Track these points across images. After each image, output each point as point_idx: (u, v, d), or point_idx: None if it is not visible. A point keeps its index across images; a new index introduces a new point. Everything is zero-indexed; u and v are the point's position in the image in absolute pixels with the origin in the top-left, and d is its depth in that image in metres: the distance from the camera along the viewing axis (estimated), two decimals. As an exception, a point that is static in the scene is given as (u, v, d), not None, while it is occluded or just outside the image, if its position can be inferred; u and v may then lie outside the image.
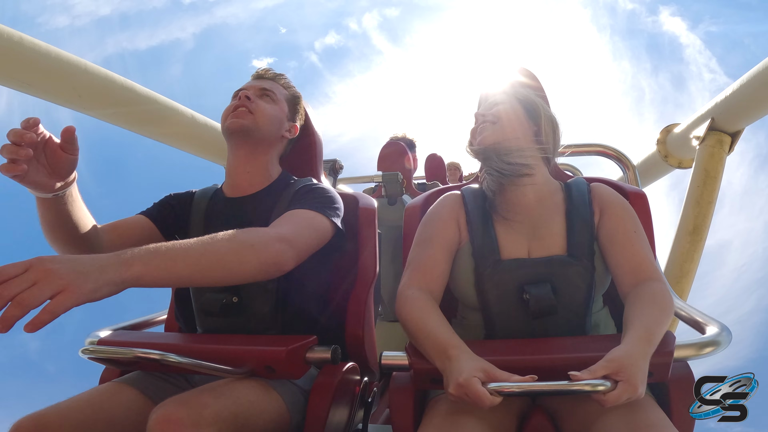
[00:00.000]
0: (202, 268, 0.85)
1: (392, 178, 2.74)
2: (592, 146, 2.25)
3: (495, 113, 1.20)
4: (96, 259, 0.74)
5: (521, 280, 1.06)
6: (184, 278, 0.84)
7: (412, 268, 1.11)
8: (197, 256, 0.85)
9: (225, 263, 0.88)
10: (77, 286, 0.69)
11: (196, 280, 0.87)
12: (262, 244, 0.94)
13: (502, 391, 0.79)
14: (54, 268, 0.68)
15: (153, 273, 0.79)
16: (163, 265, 0.80)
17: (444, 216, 1.17)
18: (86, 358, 1.03)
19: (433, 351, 0.92)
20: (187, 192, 1.38)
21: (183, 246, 0.84)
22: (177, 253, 0.83)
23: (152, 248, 0.81)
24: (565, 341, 1.00)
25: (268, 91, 1.32)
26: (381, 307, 2.69)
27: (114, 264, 0.75)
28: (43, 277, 0.67)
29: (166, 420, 0.81)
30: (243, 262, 0.90)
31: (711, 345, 0.98)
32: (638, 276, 1.02)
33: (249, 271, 0.92)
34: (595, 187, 1.18)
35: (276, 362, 0.99)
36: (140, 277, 0.77)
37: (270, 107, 1.30)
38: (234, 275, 0.90)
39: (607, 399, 0.77)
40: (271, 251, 0.94)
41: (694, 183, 3.08)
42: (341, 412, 1.11)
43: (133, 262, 0.77)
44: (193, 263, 0.84)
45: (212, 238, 0.89)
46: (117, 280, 0.75)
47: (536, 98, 1.24)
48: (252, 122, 1.25)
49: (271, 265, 0.95)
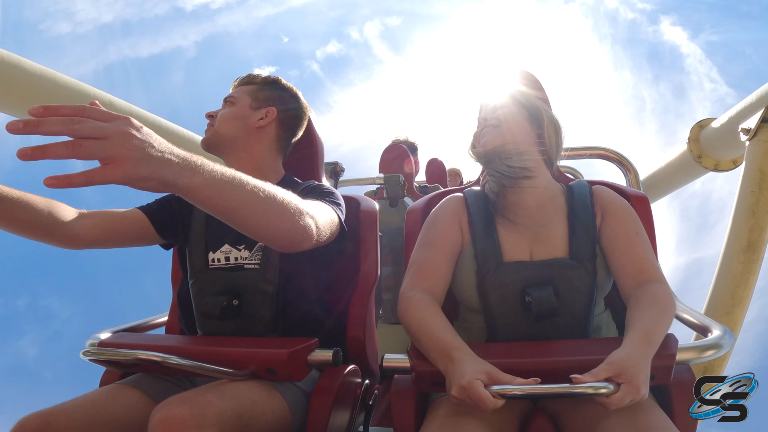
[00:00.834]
0: (249, 205, 0.82)
1: (394, 180, 2.75)
2: (593, 149, 2.24)
3: (497, 117, 1.20)
4: (168, 150, 0.70)
5: (523, 283, 1.06)
6: (231, 208, 0.81)
7: (414, 271, 1.11)
8: (250, 192, 0.82)
9: (268, 211, 0.85)
10: (133, 164, 0.65)
11: (237, 216, 0.83)
12: (300, 211, 0.92)
13: (504, 394, 0.79)
14: (129, 134, 0.65)
15: (208, 191, 0.76)
16: (222, 187, 0.77)
17: (446, 218, 1.17)
18: (87, 359, 1.03)
19: (435, 353, 0.92)
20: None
21: (243, 179, 0.82)
22: (236, 182, 0.80)
23: (217, 167, 0.78)
24: (567, 344, 1.00)
25: (228, 99, 1.34)
26: (382, 309, 2.70)
27: (180, 165, 0.71)
28: (115, 135, 0.63)
29: (169, 420, 0.81)
30: (281, 218, 0.88)
31: (713, 348, 0.97)
32: (640, 278, 1.02)
33: (280, 228, 0.89)
34: (596, 189, 1.18)
35: (277, 365, 0.99)
36: (196, 188, 0.74)
37: (227, 111, 1.31)
38: (268, 226, 0.87)
39: (611, 401, 0.77)
40: (303, 222, 0.92)
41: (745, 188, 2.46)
42: (342, 415, 1.11)
43: (198, 172, 0.73)
44: (244, 198, 0.81)
45: (264, 184, 0.86)
46: (172, 181, 0.71)
47: (538, 101, 1.24)
48: (213, 133, 1.29)
49: (298, 234, 0.92)
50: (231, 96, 1.34)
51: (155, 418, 0.82)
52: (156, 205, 1.30)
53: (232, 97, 1.33)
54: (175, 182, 0.71)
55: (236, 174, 0.81)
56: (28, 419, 0.90)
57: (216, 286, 1.18)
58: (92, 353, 1.02)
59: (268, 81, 1.37)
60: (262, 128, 1.30)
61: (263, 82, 1.36)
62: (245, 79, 1.38)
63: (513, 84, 1.31)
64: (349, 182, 3.01)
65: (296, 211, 0.91)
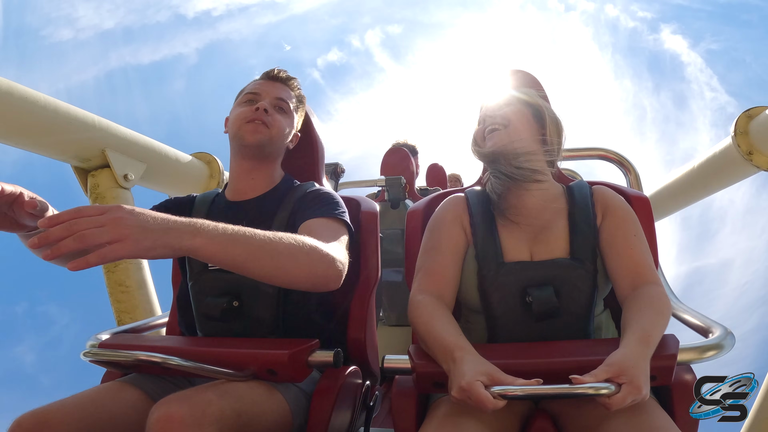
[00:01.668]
0: (257, 258, 0.87)
1: (395, 182, 2.75)
2: (594, 150, 2.22)
3: (504, 116, 1.18)
4: (165, 221, 0.78)
5: (524, 283, 1.06)
6: (238, 263, 0.86)
7: (423, 275, 1.11)
8: (257, 246, 0.87)
9: (279, 261, 0.89)
10: (135, 240, 0.74)
11: (248, 268, 0.88)
12: (319, 255, 0.95)
13: (505, 395, 0.79)
14: (123, 218, 0.74)
15: (212, 249, 0.82)
16: (225, 244, 0.83)
17: (449, 220, 1.17)
18: (88, 360, 1.03)
19: (439, 353, 0.92)
20: (188, 196, 1.38)
21: (246, 233, 0.87)
22: (239, 237, 0.85)
23: (220, 226, 0.85)
24: (568, 345, 1.00)
25: (283, 102, 1.30)
26: (382, 311, 2.69)
27: (180, 230, 0.79)
28: (109, 222, 0.73)
29: (168, 418, 0.80)
30: (296, 266, 0.92)
31: (714, 348, 0.97)
32: (636, 280, 1.02)
33: (298, 276, 0.93)
34: (597, 190, 1.18)
35: (278, 365, 0.98)
36: (199, 248, 0.81)
37: (284, 121, 1.29)
38: (283, 275, 0.92)
39: (612, 402, 0.77)
40: (324, 264, 0.96)
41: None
42: (343, 415, 1.11)
43: (198, 233, 0.80)
44: (250, 251, 0.86)
45: (275, 235, 0.91)
46: (176, 245, 0.78)
47: (540, 100, 1.23)
48: (268, 138, 1.25)
49: (320, 277, 0.96)
50: (284, 101, 1.30)
51: (153, 416, 0.82)
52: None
53: (286, 103, 1.30)
54: (180, 246, 0.79)
55: (241, 230, 0.87)
56: (25, 417, 0.90)
57: (216, 287, 1.18)
58: (93, 354, 1.02)
59: (303, 99, 1.39)
60: (288, 147, 1.35)
61: (301, 98, 1.38)
62: (292, 82, 1.36)
63: (515, 82, 1.31)
64: (350, 184, 3.02)
65: (315, 254, 0.94)
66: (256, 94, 1.28)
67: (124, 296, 2.24)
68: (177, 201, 1.36)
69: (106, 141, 2.21)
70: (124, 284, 2.23)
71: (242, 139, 1.24)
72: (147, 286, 2.29)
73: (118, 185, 2.26)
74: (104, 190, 2.23)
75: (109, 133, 2.24)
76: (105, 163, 2.23)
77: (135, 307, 2.21)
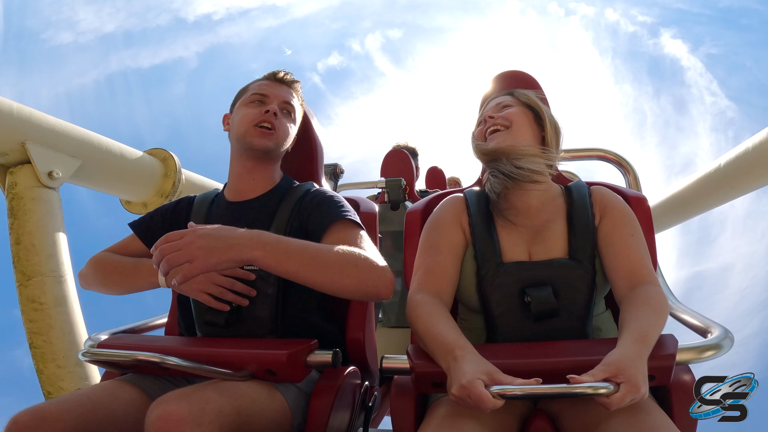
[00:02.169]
0: (308, 269, 0.98)
1: (395, 184, 2.75)
2: (592, 151, 2.22)
3: (507, 117, 1.18)
4: (230, 237, 0.92)
5: (523, 283, 1.06)
6: (291, 272, 0.98)
7: (421, 273, 1.11)
8: (309, 258, 0.98)
9: (328, 272, 0.99)
10: (204, 259, 0.89)
11: (300, 278, 0.99)
12: (368, 267, 1.03)
13: (504, 394, 0.79)
14: (193, 242, 0.89)
15: (267, 260, 0.95)
16: (279, 256, 0.95)
17: (448, 219, 1.17)
18: (86, 360, 1.03)
19: (439, 352, 0.92)
20: (186, 197, 1.38)
21: (300, 246, 0.99)
22: (293, 250, 0.97)
23: (275, 239, 0.97)
24: (567, 345, 1.00)
25: (290, 106, 1.31)
26: (382, 313, 2.69)
27: (241, 245, 0.93)
28: (184, 246, 0.89)
29: (167, 416, 0.79)
30: (344, 276, 1.00)
31: (713, 348, 0.97)
32: (634, 280, 1.02)
33: (348, 286, 1.01)
34: (595, 190, 1.18)
35: (277, 365, 0.98)
36: (256, 260, 0.94)
37: (290, 127, 1.30)
38: (334, 285, 1.01)
39: (611, 401, 0.77)
40: (373, 276, 1.03)
41: None
42: (342, 416, 1.11)
43: (256, 247, 0.93)
44: (302, 263, 0.97)
45: (328, 248, 1.02)
46: (238, 258, 0.92)
47: (539, 101, 1.23)
48: (275, 143, 1.26)
49: (371, 287, 1.03)
50: (291, 105, 1.31)
51: (152, 415, 0.81)
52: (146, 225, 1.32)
53: (292, 107, 1.31)
54: (242, 259, 0.93)
55: (297, 243, 0.99)
56: (23, 414, 0.89)
57: None
58: (91, 354, 1.02)
59: (302, 102, 1.39)
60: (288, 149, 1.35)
61: (301, 101, 1.38)
62: (297, 85, 1.36)
63: (516, 84, 1.31)
64: (349, 186, 3.01)
65: (364, 266, 1.03)
66: (263, 95, 1.28)
67: (36, 314, 1.87)
68: (172, 205, 1.37)
69: (26, 132, 1.93)
70: (37, 300, 1.89)
71: (250, 143, 1.24)
72: (67, 303, 1.94)
73: (40, 184, 1.96)
74: (23, 190, 1.94)
75: (30, 124, 1.96)
76: (26, 158, 1.93)
77: (50, 327, 1.87)
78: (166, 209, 1.35)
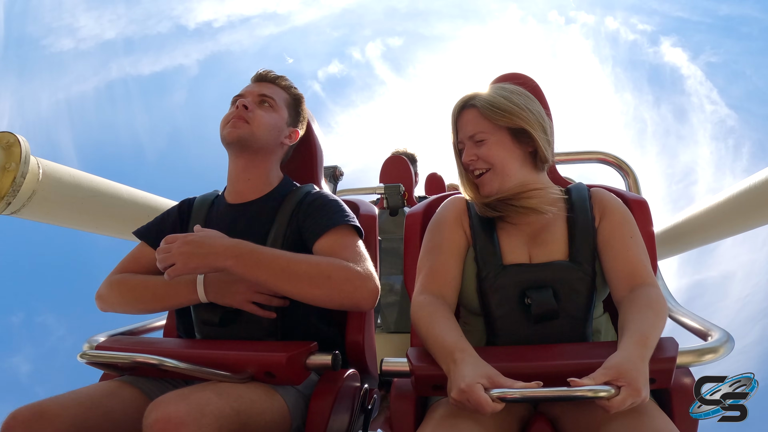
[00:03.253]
0: (278, 280, 1.03)
1: (394, 190, 2.75)
2: (591, 153, 2.21)
3: (484, 158, 1.12)
4: (210, 246, 1.02)
5: (523, 285, 1.05)
6: (261, 281, 1.04)
7: (424, 275, 1.10)
8: (279, 269, 1.03)
9: (298, 283, 1.04)
10: (184, 264, 1.01)
11: (270, 287, 1.06)
12: (344, 278, 1.05)
13: (503, 398, 0.79)
14: (180, 247, 1.02)
15: (239, 269, 1.03)
16: (249, 265, 1.03)
17: (450, 221, 1.17)
18: (84, 362, 1.02)
19: (440, 355, 0.91)
20: (186, 200, 1.38)
21: (271, 256, 1.05)
22: (264, 260, 1.03)
23: (250, 250, 1.04)
24: (568, 348, 0.99)
25: (268, 97, 1.29)
26: (381, 318, 2.68)
27: (216, 254, 1.02)
28: (172, 249, 1.02)
29: (166, 419, 0.79)
30: (314, 287, 1.04)
31: (713, 352, 0.97)
32: (633, 281, 1.02)
33: (318, 296, 1.05)
34: (595, 192, 1.18)
35: (276, 368, 0.98)
36: (228, 268, 1.02)
37: (268, 116, 1.27)
38: (304, 295, 1.05)
39: (612, 404, 0.77)
40: (348, 288, 1.05)
41: None
42: (341, 419, 1.10)
43: (229, 257, 1.02)
44: (272, 273, 1.03)
45: (302, 258, 1.06)
46: (213, 265, 1.03)
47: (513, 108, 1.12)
48: (249, 132, 1.23)
49: (345, 299, 1.06)
50: (269, 96, 1.29)
51: (151, 417, 0.81)
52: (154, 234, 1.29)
53: (270, 98, 1.29)
54: (216, 266, 1.03)
55: (269, 256, 1.04)
56: (21, 410, 0.89)
57: None
58: (89, 356, 1.02)
59: (299, 98, 1.37)
60: (284, 145, 1.33)
61: (296, 96, 1.36)
62: (280, 80, 1.35)
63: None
64: (348, 191, 3.00)
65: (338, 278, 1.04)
66: (240, 96, 1.29)
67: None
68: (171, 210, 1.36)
69: None
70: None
71: (224, 138, 1.25)
72: None
73: None
74: None
75: None
76: None
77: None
78: (170, 212, 1.36)
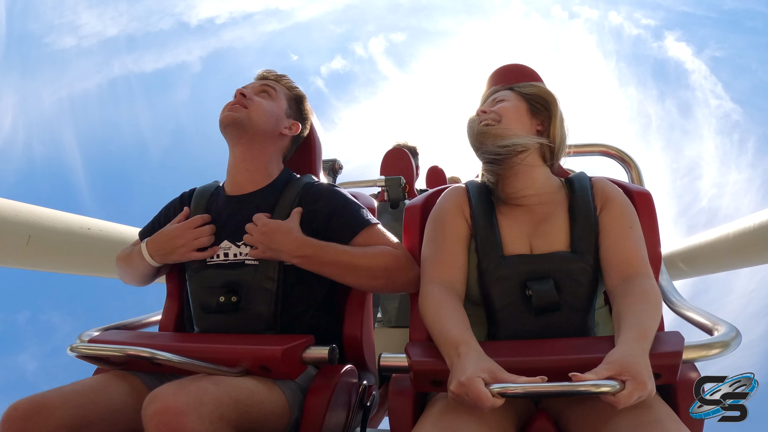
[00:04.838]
0: (343, 275, 1.13)
1: (395, 182, 2.74)
2: (593, 146, 2.18)
3: (498, 111, 1.19)
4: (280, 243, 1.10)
5: (524, 276, 1.04)
6: (326, 276, 1.14)
7: (430, 263, 1.09)
8: (342, 266, 1.11)
9: (360, 278, 1.14)
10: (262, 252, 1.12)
11: (336, 279, 1.15)
12: (397, 268, 1.14)
13: (504, 393, 0.77)
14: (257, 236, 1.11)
15: (306, 265, 1.11)
16: (315, 265, 1.11)
17: (452, 210, 1.15)
18: (74, 356, 1.01)
19: (444, 347, 0.90)
20: (186, 191, 1.36)
21: (334, 253, 1.11)
22: (328, 259, 1.11)
23: (313, 250, 1.10)
24: (570, 342, 0.98)
25: (268, 87, 1.30)
26: (381, 312, 2.67)
27: (284, 252, 1.10)
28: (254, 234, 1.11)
29: (165, 410, 0.78)
30: (374, 279, 1.14)
31: (720, 346, 0.95)
32: (627, 270, 1.00)
33: (377, 287, 1.19)
34: (596, 181, 1.17)
35: (272, 362, 0.97)
36: (297, 264, 1.12)
37: (266, 102, 1.27)
38: (363, 287, 1.20)
39: (619, 399, 0.75)
40: (402, 277, 1.15)
41: None
42: (338, 414, 1.08)
43: (295, 256, 1.10)
44: (337, 270, 1.12)
45: (358, 253, 1.13)
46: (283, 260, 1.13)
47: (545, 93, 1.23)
48: (245, 116, 1.23)
49: (398, 287, 1.18)
50: (269, 86, 1.31)
51: (150, 408, 0.79)
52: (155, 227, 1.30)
53: (271, 87, 1.30)
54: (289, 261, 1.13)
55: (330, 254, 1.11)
56: (22, 402, 0.88)
57: (214, 282, 1.16)
58: (81, 349, 1.00)
59: (300, 96, 1.38)
60: (283, 135, 1.31)
61: (298, 94, 1.37)
62: (284, 79, 1.36)
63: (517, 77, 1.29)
64: (349, 184, 2.99)
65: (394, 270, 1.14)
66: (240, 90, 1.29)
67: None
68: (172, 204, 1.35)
69: None
70: None
71: (220, 123, 1.23)
72: None
73: None
74: None
75: None
76: None
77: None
78: (172, 205, 1.35)
